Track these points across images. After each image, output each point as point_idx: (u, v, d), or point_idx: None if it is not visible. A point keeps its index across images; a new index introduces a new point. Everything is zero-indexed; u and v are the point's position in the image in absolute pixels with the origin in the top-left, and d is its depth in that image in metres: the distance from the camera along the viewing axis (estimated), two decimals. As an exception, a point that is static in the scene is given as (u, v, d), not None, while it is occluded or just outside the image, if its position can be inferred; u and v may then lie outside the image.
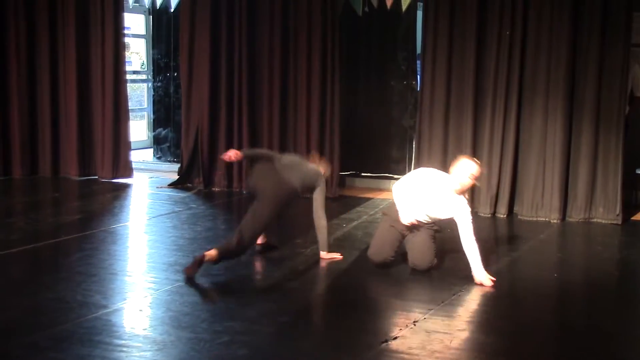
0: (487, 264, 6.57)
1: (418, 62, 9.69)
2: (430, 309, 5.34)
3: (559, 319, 5.51)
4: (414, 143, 9.47)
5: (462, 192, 6.14)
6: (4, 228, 7.58)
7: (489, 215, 8.49)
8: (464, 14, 8.55)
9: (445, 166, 8.74)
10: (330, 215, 7.84)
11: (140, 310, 5.23)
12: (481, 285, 5.86)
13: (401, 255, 6.35)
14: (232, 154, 6.43)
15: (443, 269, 6.43)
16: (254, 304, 5.36)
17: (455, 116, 8.71)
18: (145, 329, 4.89)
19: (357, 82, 9.99)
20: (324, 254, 6.46)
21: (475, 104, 8.58)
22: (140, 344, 4.60)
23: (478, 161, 6.25)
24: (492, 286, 5.83)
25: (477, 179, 6.14)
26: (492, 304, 5.67)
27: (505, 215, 8.47)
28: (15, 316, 5.02)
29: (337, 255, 6.53)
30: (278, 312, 5.21)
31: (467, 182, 6.08)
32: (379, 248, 6.28)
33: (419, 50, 9.59)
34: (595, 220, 8.30)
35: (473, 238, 5.98)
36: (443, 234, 6.52)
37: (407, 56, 9.96)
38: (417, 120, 9.00)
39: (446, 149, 8.76)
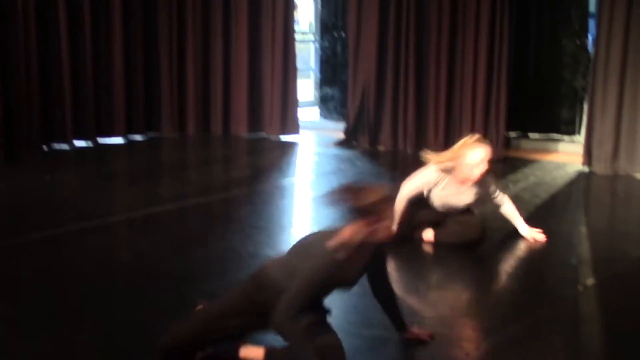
0: None
1: (591, 20, 9.32)
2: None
3: None
4: (584, 104, 9.14)
5: (467, 181, 5.59)
6: (180, 181, 8.01)
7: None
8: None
9: (619, 130, 8.44)
10: (496, 176, 7.69)
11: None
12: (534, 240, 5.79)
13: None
14: None
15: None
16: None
17: (632, 77, 8.30)
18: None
19: (527, 41, 9.70)
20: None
21: (654, 64, 8.18)
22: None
23: (482, 143, 5.57)
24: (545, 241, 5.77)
25: (479, 165, 5.49)
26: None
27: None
28: (191, 265, 5.29)
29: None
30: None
31: (470, 172, 5.51)
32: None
33: (592, 8, 9.21)
34: None
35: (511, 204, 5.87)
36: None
37: (580, 14, 9.58)
38: (590, 81, 8.68)
39: (620, 111, 8.39)
